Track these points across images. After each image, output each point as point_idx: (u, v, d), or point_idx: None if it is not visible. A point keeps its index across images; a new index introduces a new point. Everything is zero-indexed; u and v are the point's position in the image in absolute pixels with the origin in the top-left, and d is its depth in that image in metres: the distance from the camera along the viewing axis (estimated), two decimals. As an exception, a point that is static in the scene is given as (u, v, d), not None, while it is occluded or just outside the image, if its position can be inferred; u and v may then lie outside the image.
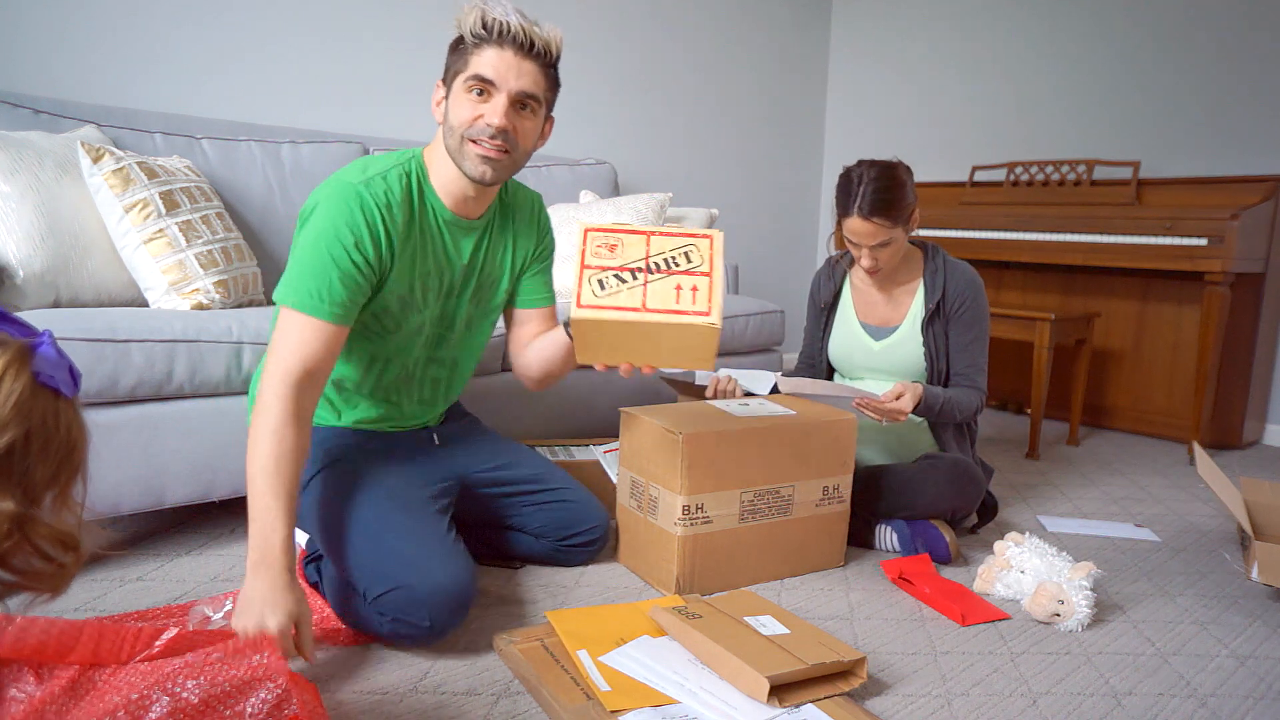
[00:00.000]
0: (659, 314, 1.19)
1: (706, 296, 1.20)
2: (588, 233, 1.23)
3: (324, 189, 1.32)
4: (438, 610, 1.23)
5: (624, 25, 3.34)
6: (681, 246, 1.23)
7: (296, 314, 1.26)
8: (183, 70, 2.35)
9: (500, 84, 1.30)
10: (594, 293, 1.20)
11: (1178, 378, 2.99)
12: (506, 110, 1.31)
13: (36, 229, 1.64)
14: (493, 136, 1.31)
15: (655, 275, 1.21)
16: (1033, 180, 3.18)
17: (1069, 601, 1.47)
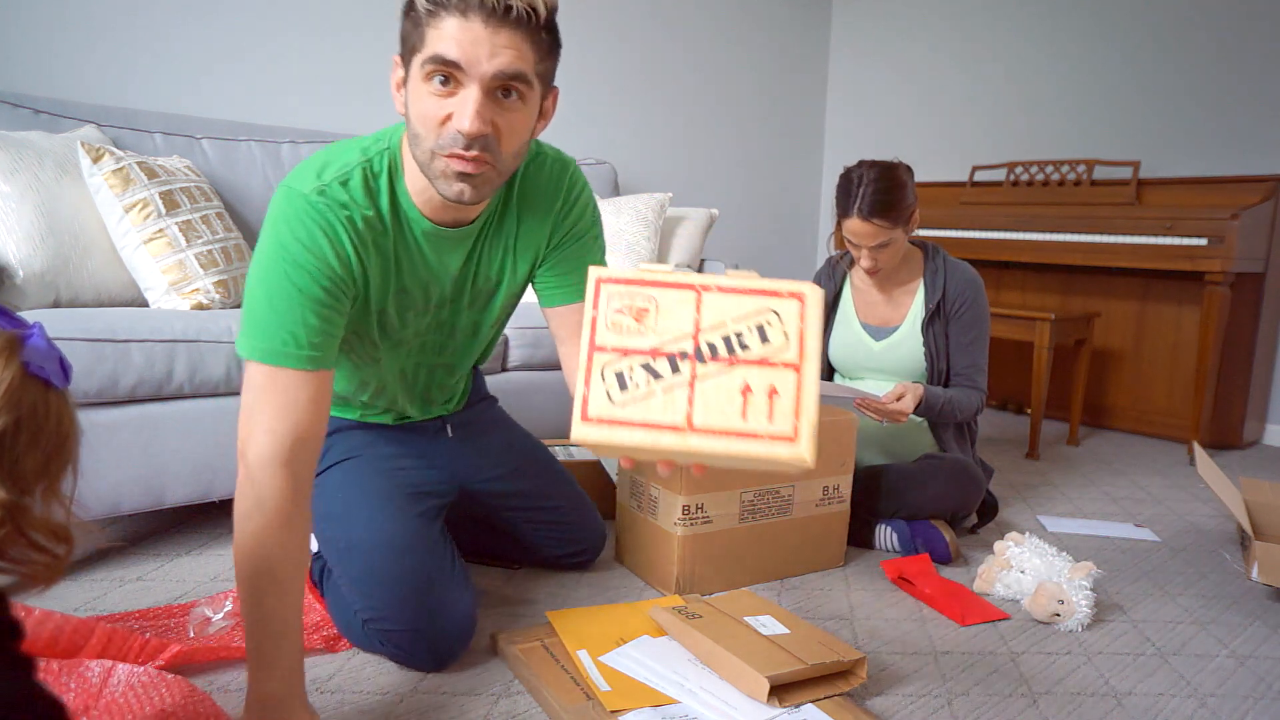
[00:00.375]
0: (714, 437, 0.75)
1: (792, 407, 0.74)
2: (601, 286, 0.78)
3: (273, 203, 1.06)
4: (441, 651, 1.22)
5: (624, 25, 3.34)
6: (753, 314, 0.77)
7: (267, 368, 1.00)
8: (183, 70, 2.35)
9: (469, 68, 0.95)
10: (610, 396, 0.76)
11: (1178, 378, 2.99)
12: (481, 105, 0.96)
13: (36, 229, 1.64)
14: (467, 146, 0.97)
15: (710, 366, 0.76)
16: (1033, 180, 3.18)
17: (1069, 601, 1.47)
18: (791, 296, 0.77)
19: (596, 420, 0.76)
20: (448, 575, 1.24)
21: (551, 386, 2.16)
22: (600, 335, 0.77)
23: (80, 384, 1.45)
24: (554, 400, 2.17)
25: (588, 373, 0.77)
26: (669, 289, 0.77)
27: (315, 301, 1.03)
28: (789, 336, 0.76)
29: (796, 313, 0.77)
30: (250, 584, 0.96)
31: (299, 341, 1.01)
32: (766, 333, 0.76)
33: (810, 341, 0.76)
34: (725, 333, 0.76)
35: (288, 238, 1.03)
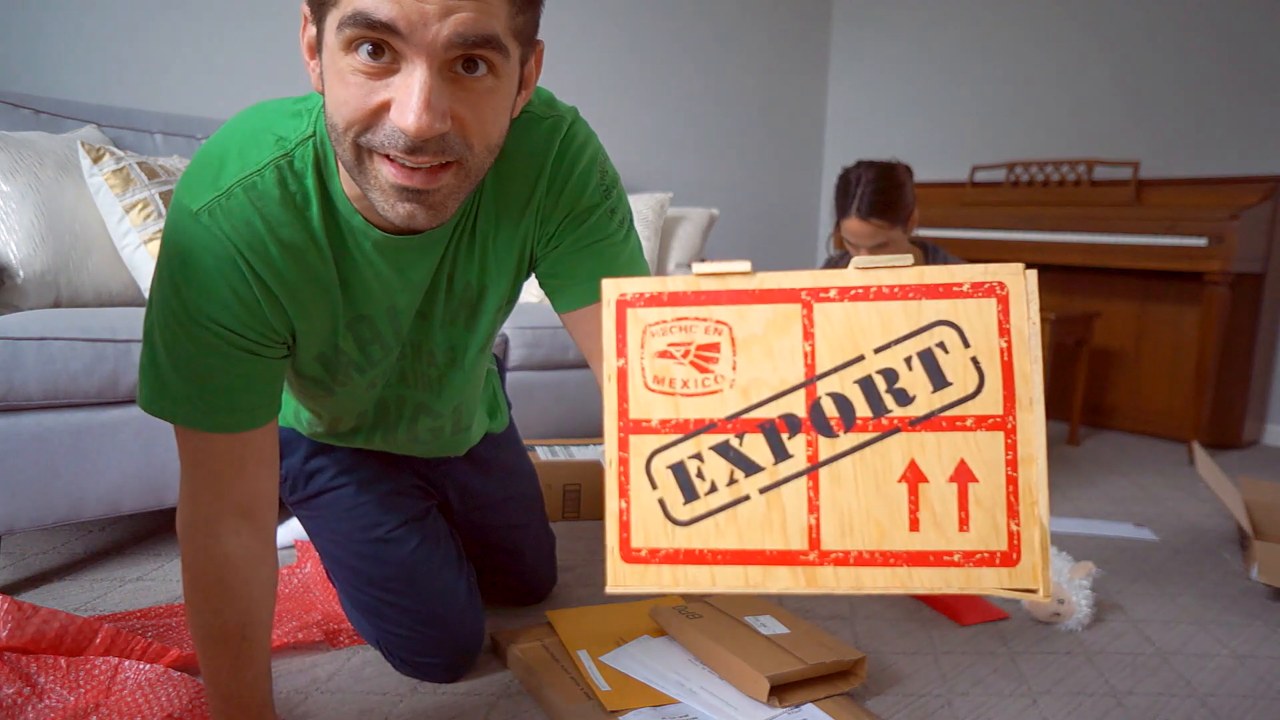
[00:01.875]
0: (862, 569, 0.44)
1: (1002, 499, 0.43)
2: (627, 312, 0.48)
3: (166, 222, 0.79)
4: (451, 668, 1.21)
5: (624, 25, 3.34)
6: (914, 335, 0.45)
7: (183, 431, 0.81)
8: (183, 70, 2.35)
9: (411, 33, 0.62)
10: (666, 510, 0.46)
11: (1178, 378, 2.99)
12: (432, 91, 0.64)
13: (37, 229, 1.64)
14: (413, 150, 0.66)
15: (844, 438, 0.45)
16: (1033, 180, 3.18)
17: (1069, 601, 1.47)
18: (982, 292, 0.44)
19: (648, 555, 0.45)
20: (451, 602, 1.19)
21: (552, 386, 2.16)
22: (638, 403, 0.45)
23: (80, 384, 1.45)
24: (554, 400, 2.17)
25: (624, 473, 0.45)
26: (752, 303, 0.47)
27: (220, 358, 0.78)
28: (986, 368, 0.44)
29: (994, 322, 0.44)
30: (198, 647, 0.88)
31: (214, 407, 0.79)
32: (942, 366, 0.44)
33: (1025, 370, 0.43)
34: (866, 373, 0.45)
35: (178, 277, 0.77)
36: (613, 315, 0.47)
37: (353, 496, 1.18)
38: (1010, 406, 0.43)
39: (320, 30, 0.69)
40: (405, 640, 1.20)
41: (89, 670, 1.07)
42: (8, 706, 1.00)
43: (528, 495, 1.42)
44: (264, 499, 0.86)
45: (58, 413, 1.45)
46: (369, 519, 1.18)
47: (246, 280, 0.78)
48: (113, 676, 1.06)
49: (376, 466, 1.22)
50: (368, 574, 1.18)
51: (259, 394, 0.82)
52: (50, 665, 1.07)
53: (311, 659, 1.27)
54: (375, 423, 1.12)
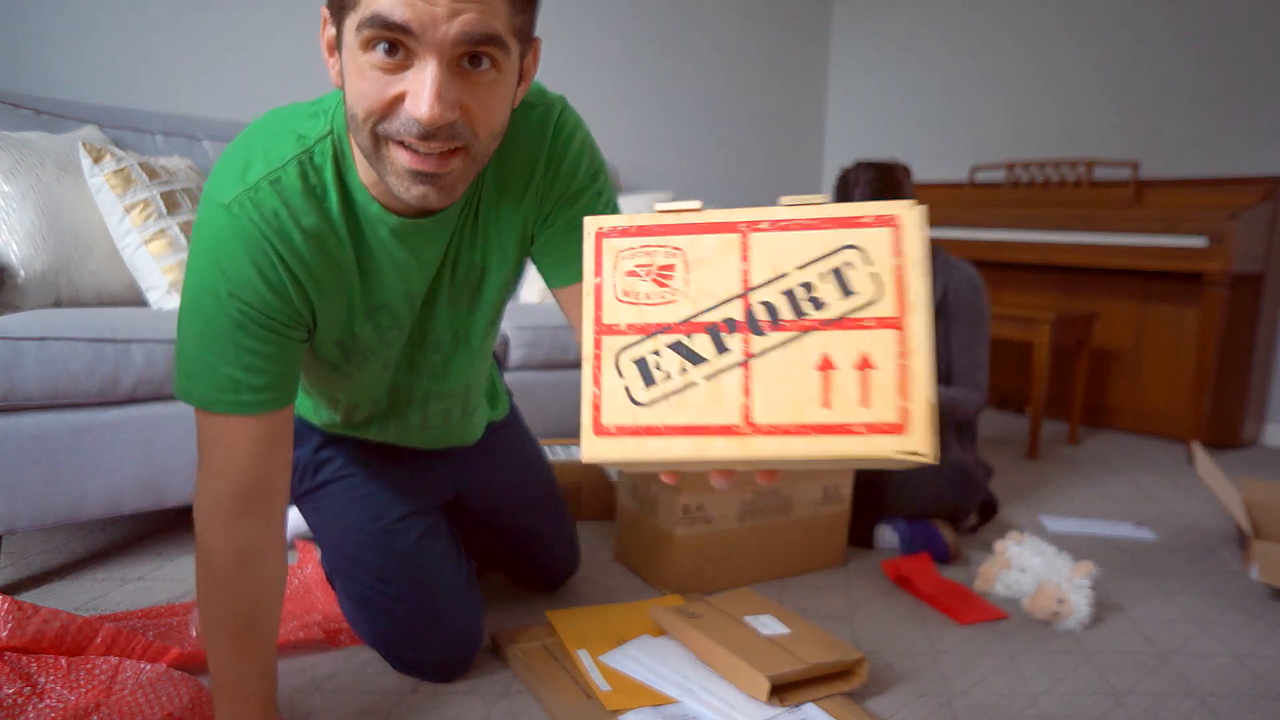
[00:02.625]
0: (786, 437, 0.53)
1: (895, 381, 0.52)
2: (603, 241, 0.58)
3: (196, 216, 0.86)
4: (449, 665, 1.21)
5: (624, 24, 3.35)
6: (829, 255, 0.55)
7: (207, 415, 0.86)
8: (184, 70, 2.35)
9: (423, 33, 0.70)
10: (631, 395, 0.55)
11: (1178, 378, 2.99)
12: (443, 84, 0.72)
13: (38, 229, 1.64)
14: (426, 136, 0.74)
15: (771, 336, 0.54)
16: (1033, 180, 3.18)
17: (1069, 601, 1.47)
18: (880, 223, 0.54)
19: (615, 430, 0.55)
20: (450, 598, 1.20)
21: (552, 386, 2.16)
22: (609, 311, 0.56)
23: (81, 384, 1.45)
24: (555, 399, 2.17)
25: (597, 366, 0.56)
26: (701, 233, 0.56)
27: (249, 339, 0.84)
28: (882, 282, 0.53)
29: (889, 245, 0.53)
30: (205, 634, 0.91)
31: (237, 387, 0.84)
32: (848, 280, 0.53)
33: (915, 283, 0.52)
34: (789, 286, 0.54)
35: (210, 266, 0.83)
36: (592, 244, 0.58)
37: (360, 486, 1.21)
38: (902, 311, 0.53)
39: (339, 30, 0.76)
40: (401, 637, 1.20)
41: (89, 670, 1.07)
42: (8, 706, 1.00)
43: (540, 478, 1.44)
44: (279, 485, 0.91)
45: (58, 413, 1.45)
46: (374, 509, 1.20)
47: (274, 264, 0.84)
48: (113, 676, 1.06)
49: (386, 461, 1.24)
50: (368, 564, 1.19)
51: (279, 375, 0.87)
52: (51, 665, 1.07)
53: (311, 659, 1.27)
54: (389, 410, 1.14)
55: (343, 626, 1.32)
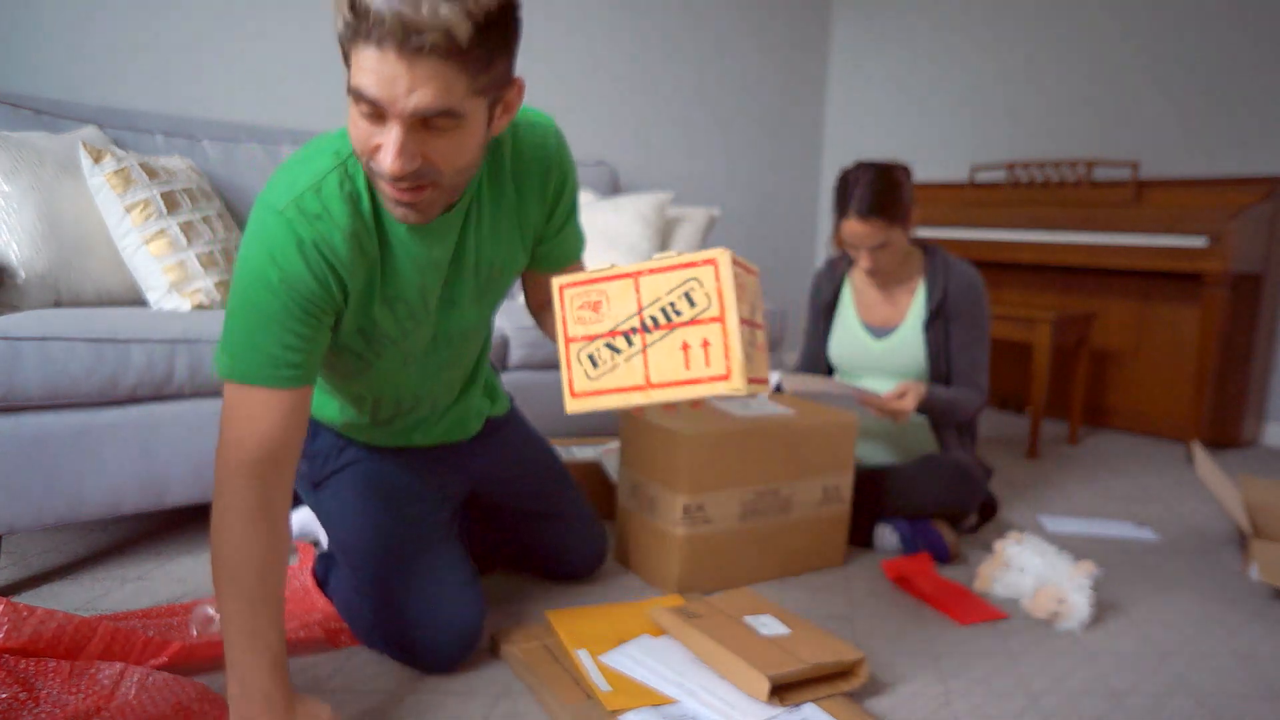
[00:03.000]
0: (669, 388, 0.93)
1: (722, 351, 0.89)
2: (563, 291, 0.97)
3: (250, 219, 1.02)
4: (450, 656, 1.23)
5: (624, 25, 3.34)
6: (679, 286, 0.92)
7: (243, 388, 1.00)
8: (184, 71, 2.35)
9: (388, 106, 0.86)
10: (587, 374, 0.97)
11: (1178, 378, 2.99)
12: (403, 144, 0.88)
13: (38, 229, 1.64)
14: (396, 180, 0.92)
15: (655, 335, 0.93)
16: (1033, 180, 3.18)
17: (1069, 601, 1.47)
18: (706, 264, 0.92)
19: (581, 394, 0.98)
20: (454, 590, 1.23)
21: (552, 386, 2.16)
22: (570, 329, 0.98)
23: (81, 384, 1.45)
24: (554, 400, 2.17)
25: (567, 359, 0.98)
26: (613, 282, 0.96)
27: (293, 321, 1.00)
28: (710, 297, 0.91)
29: (712, 276, 0.91)
30: (219, 588, 0.98)
31: (275, 363, 0.99)
32: (693, 298, 0.92)
33: (727, 295, 0.90)
34: (662, 305, 0.93)
35: (263, 258, 0.98)
36: (557, 294, 0.98)
37: (379, 474, 1.32)
38: (722, 313, 0.89)
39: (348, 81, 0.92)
40: (404, 623, 1.21)
41: (92, 675, 1.07)
42: (3, 711, 1.00)
43: (552, 465, 1.54)
44: (293, 453, 1.03)
45: (58, 413, 1.45)
46: (391, 497, 1.30)
47: (319, 258, 1.01)
48: (117, 682, 1.06)
49: (402, 458, 1.36)
50: (379, 546, 1.25)
51: (309, 356, 1.03)
52: (50, 669, 1.06)
53: (312, 659, 1.27)
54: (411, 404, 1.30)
55: (342, 626, 1.32)
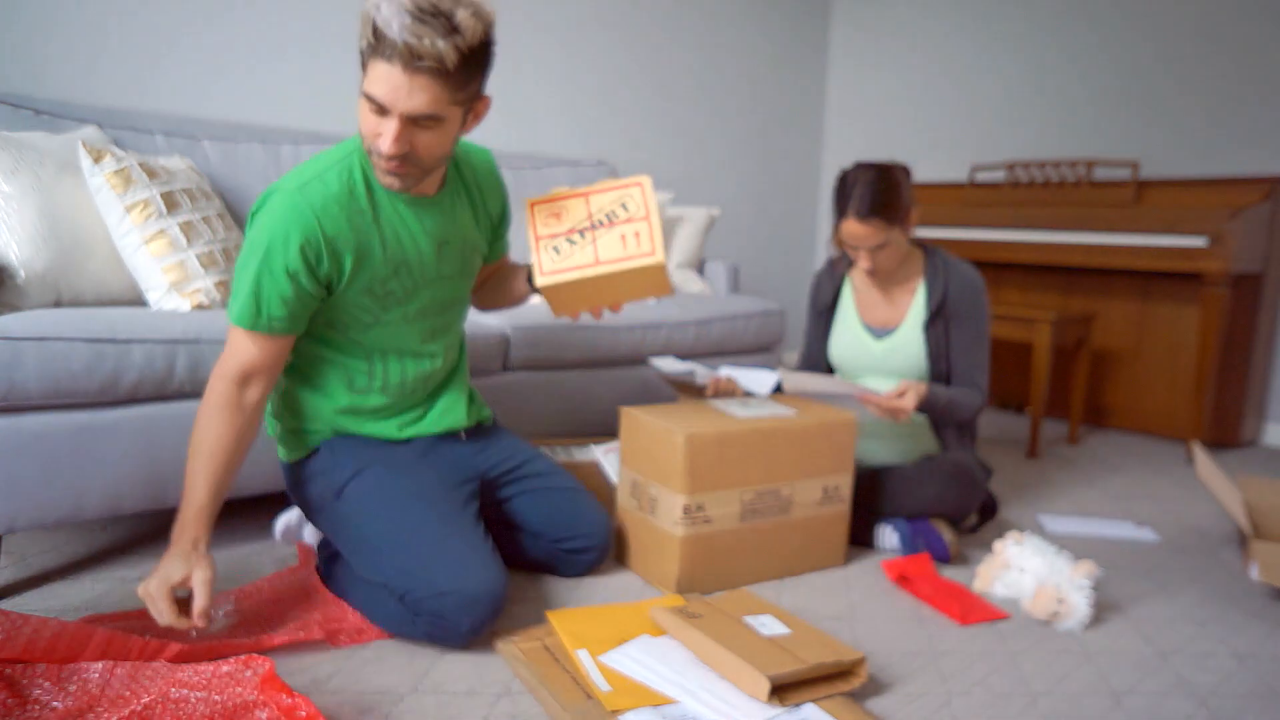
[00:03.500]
0: (612, 264, 1.36)
1: (649, 238, 1.37)
2: (534, 206, 1.39)
3: (261, 200, 1.30)
4: (477, 615, 1.26)
5: (623, 25, 3.34)
6: (617, 199, 1.39)
7: (238, 330, 1.29)
8: (184, 71, 2.35)
9: (390, 107, 1.18)
10: (552, 259, 1.38)
11: (1178, 378, 2.99)
12: (398, 134, 1.20)
13: (38, 229, 1.64)
14: (390, 159, 1.23)
15: (601, 230, 1.38)
16: (1033, 180, 3.18)
17: (1069, 601, 1.47)
18: (634, 185, 1.41)
19: (549, 272, 1.38)
20: (480, 543, 1.33)
21: (552, 386, 2.16)
22: (540, 230, 1.40)
23: (81, 384, 1.45)
24: (554, 400, 2.17)
25: (537, 251, 1.38)
26: (570, 199, 1.41)
27: (281, 286, 1.27)
28: (639, 205, 1.39)
29: (640, 192, 1.40)
30: (188, 459, 1.27)
31: (263, 313, 1.28)
32: (627, 205, 1.40)
33: (650, 205, 1.39)
34: (605, 212, 1.39)
35: (272, 230, 1.26)
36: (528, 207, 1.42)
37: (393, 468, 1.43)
38: (646, 213, 1.38)
39: None
40: (436, 591, 1.25)
41: (82, 676, 1.06)
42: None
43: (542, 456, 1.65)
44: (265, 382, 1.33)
45: (58, 413, 1.45)
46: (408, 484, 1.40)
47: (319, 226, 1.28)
48: (107, 680, 1.06)
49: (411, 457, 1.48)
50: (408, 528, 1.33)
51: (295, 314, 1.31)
52: (40, 673, 1.06)
53: (312, 659, 1.27)
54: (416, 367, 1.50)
55: (342, 626, 1.32)
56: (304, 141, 2.32)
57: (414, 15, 1.12)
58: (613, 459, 1.92)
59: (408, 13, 1.12)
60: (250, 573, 1.58)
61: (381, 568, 1.32)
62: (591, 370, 2.20)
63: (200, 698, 1.02)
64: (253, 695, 1.02)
